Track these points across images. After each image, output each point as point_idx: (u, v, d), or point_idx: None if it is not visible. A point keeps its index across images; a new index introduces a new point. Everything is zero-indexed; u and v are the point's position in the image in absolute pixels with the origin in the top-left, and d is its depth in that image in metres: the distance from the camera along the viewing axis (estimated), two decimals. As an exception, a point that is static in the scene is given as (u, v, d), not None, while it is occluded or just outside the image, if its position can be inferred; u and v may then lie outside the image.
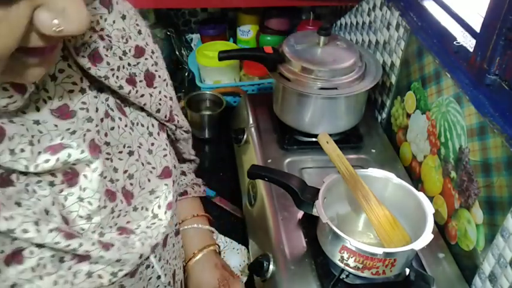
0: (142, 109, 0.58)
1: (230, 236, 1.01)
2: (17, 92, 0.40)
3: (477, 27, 0.82)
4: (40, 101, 0.44)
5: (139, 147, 0.56)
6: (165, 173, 0.59)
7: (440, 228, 0.89)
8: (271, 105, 1.12)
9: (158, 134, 0.60)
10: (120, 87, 0.52)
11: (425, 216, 0.73)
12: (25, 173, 0.43)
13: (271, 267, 0.81)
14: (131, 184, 0.54)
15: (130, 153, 0.54)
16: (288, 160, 1.02)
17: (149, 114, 0.59)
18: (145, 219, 0.56)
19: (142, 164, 0.56)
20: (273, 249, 0.83)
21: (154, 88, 0.58)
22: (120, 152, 0.53)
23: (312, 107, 1.02)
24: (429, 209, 0.74)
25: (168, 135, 0.67)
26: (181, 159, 0.83)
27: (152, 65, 0.58)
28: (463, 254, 0.83)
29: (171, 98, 0.63)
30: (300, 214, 0.88)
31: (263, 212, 0.91)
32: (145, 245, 0.54)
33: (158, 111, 0.59)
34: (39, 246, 0.43)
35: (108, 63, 0.50)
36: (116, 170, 0.52)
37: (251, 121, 1.13)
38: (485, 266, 0.77)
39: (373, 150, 1.07)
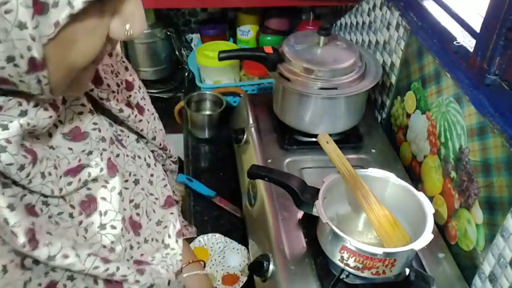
0: (137, 141, 0.58)
1: (230, 236, 1.01)
2: (55, 111, 0.41)
3: (477, 27, 0.82)
4: (51, 127, 0.44)
5: (141, 178, 0.56)
6: (169, 203, 0.59)
7: (440, 228, 0.89)
8: (271, 105, 1.12)
9: (155, 165, 0.60)
10: (121, 110, 0.52)
11: (425, 216, 0.73)
12: (46, 204, 0.42)
13: (271, 267, 0.81)
14: (138, 214, 0.53)
15: (136, 181, 0.54)
16: (288, 160, 1.02)
17: (143, 147, 0.59)
18: (158, 251, 0.55)
19: (146, 195, 0.56)
20: (273, 249, 0.83)
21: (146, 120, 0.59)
22: (126, 181, 0.52)
23: (312, 107, 1.02)
24: (429, 208, 0.74)
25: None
26: None
27: (141, 99, 0.59)
28: (463, 254, 0.83)
29: (161, 130, 0.64)
30: (300, 214, 0.88)
31: (263, 212, 0.91)
32: (170, 271, 0.54)
33: (154, 138, 0.60)
34: (71, 279, 0.42)
35: (108, 85, 0.51)
36: (122, 199, 0.51)
37: (251, 121, 1.13)
38: (485, 266, 0.77)
39: (373, 150, 1.07)
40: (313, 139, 1.07)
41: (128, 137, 0.56)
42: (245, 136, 1.12)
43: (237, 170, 1.14)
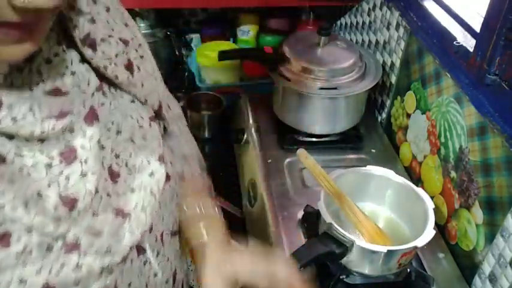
0: (131, 101, 0.56)
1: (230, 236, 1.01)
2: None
3: (477, 27, 0.82)
4: (33, 83, 0.43)
5: (133, 135, 0.55)
6: (162, 159, 0.57)
7: (440, 228, 0.89)
8: (271, 105, 1.12)
9: (150, 125, 0.58)
10: (116, 77, 0.51)
11: (426, 212, 0.74)
12: (20, 155, 0.42)
13: (271, 267, 0.81)
14: (117, 164, 0.52)
15: (118, 132, 0.52)
16: (288, 160, 1.02)
17: (138, 108, 0.57)
18: (142, 173, 0.54)
19: (139, 148, 0.54)
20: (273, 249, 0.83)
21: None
22: (108, 130, 0.51)
23: (312, 107, 1.02)
24: (429, 204, 0.74)
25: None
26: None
27: (135, 58, 0.56)
28: (463, 254, 0.83)
29: (156, 91, 0.61)
30: (300, 214, 0.88)
31: (263, 212, 0.91)
32: (135, 234, 0.52)
33: (145, 101, 0.58)
34: (28, 231, 0.42)
35: (103, 52, 0.49)
36: (103, 147, 0.50)
37: (251, 121, 1.13)
38: (485, 266, 0.77)
39: (373, 150, 1.07)
40: (313, 139, 1.07)
41: (122, 97, 0.55)
42: (245, 136, 1.12)
43: (237, 170, 1.14)
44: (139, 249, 0.53)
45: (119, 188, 0.51)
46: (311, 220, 0.84)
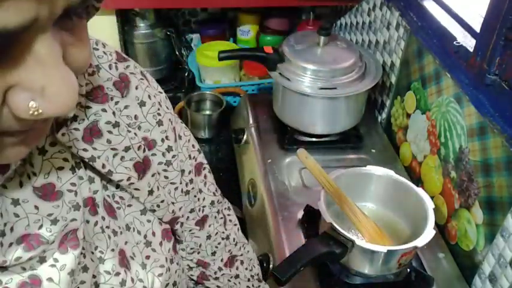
0: (142, 213, 0.49)
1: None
2: None
3: (477, 27, 0.82)
4: (24, 176, 0.38)
5: (132, 258, 0.48)
6: None
7: (440, 228, 0.89)
8: (271, 105, 1.12)
9: (161, 244, 0.51)
10: (109, 172, 0.43)
11: (426, 212, 0.74)
12: None
13: (271, 267, 0.81)
14: None
15: (101, 260, 0.44)
16: (288, 160, 1.02)
17: (149, 220, 0.50)
18: None
19: (132, 281, 0.47)
20: (273, 249, 0.83)
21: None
22: (92, 253, 0.44)
23: (312, 107, 1.02)
24: (429, 204, 0.74)
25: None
26: None
27: (159, 164, 0.49)
28: (463, 254, 0.83)
29: (173, 203, 0.52)
30: (300, 214, 0.88)
31: (263, 212, 0.91)
32: None
33: (153, 211, 0.50)
34: None
35: (108, 141, 0.42)
36: (86, 269, 0.42)
37: (251, 121, 1.13)
38: (485, 266, 0.77)
39: (373, 150, 1.07)
40: (313, 139, 1.07)
41: (130, 205, 0.47)
42: (245, 136, 1.12)
43: (237, 170, 1.14)
44: None
45: None
46: (311, 220, 0.84)
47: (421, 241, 0.69)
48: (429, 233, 0.70)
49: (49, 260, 0.38)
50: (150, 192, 0.48)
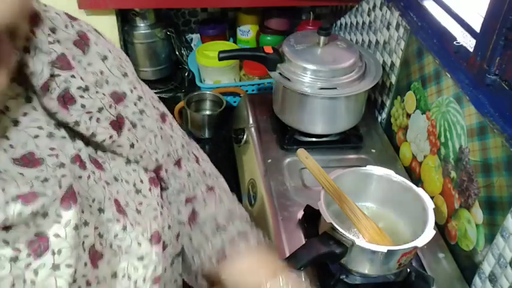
0: (126, 163, 0.50)
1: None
2: None
3: (477, 27, 0.82)
4: (1, 150, 0.38)
5: (127, 205, 0.49)
6: (156, 238, 0.50)
7: (440, 228, 0.89)
8: (271, 105, 1.12)
9: (150, 190, 0.52)
10: (93, 134, 0.44)
11: (426, 212, 0.74)
12: None
13: (271, 267, 0.81)
14: (101, 244, 0.45)
15: (100, 211, 0.46)
16: (288, 160, 1.02)
17: (135, 169, 0.51)
18: None
19: (132, 226, 0.48)
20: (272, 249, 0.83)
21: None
22: (90, 206, 0.45)
23: (312, 107, 1.02)
24: (429, 204, 0.74)
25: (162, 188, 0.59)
26: None
27: (133, 114, 0.51)
28: (463, 254, 0.83)
29: (155, 151, 0.54)
30: (300, 214, 0.88)
31: (263, 212, 0.91)
32: None
33: (137, 161, 0.51)
34: None
35: (83, 106, 0.43)
36: (86, 223, 0.43)
37: (251, 121, 1.13)
38: (485, 266, 0.77)
39: (373, 150, 1.07)
40: (313, 139, 1.07)
41: (114, 159, 0.49)
42: (245, 136, 1.12)
43: (237, 170, 1.14)
44: None
45: (99, 273, 0.44)
46: (311, 220, 0.84)
47: (421, 241, 0.69)
48: (429, 233, 0.70)
49: (52, 216, 0.39)
50: (132, 145, 0.50)
